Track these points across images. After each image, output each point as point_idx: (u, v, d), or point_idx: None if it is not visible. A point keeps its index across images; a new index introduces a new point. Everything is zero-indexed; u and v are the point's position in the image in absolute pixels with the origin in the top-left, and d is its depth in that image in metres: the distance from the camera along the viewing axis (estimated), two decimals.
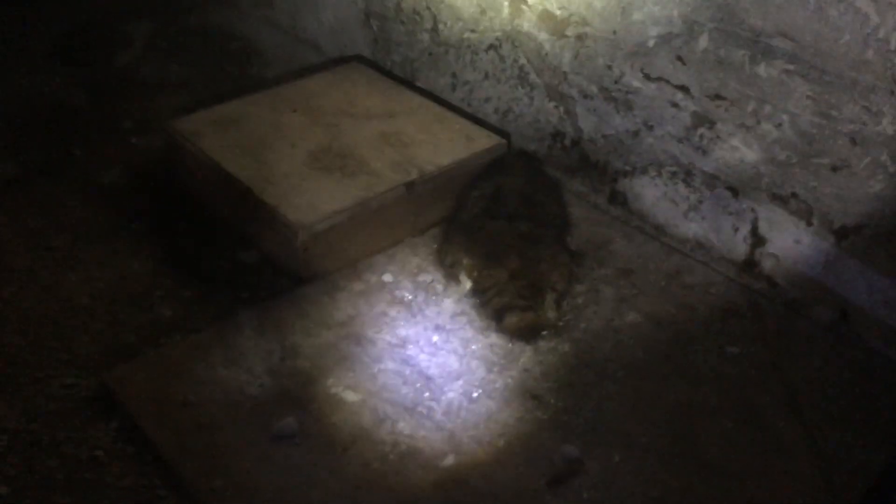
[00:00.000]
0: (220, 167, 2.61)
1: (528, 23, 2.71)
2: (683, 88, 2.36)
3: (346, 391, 2.09)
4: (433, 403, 2.07)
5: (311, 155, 2.66)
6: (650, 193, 2.59)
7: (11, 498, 1.83)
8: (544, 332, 2.27)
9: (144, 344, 2.22)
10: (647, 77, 2.44)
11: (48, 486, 1.86)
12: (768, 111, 2.19)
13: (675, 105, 2.40)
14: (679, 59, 2.34)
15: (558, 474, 1.90)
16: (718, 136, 2.33)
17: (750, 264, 2.39)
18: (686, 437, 1.98)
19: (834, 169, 2.11)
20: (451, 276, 2.43)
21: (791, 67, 2.09)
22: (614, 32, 2.47)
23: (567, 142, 2.79)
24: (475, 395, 2.10)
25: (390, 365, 2.17)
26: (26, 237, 2.58)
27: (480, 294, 2.37)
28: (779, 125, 2.18)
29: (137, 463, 1.92)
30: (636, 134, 2.55)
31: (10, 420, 2.01)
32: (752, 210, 2.34)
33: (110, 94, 3.31)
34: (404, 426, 2.01)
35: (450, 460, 1.93)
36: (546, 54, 2.70)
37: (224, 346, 2.20)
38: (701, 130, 2.37)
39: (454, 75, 3.07)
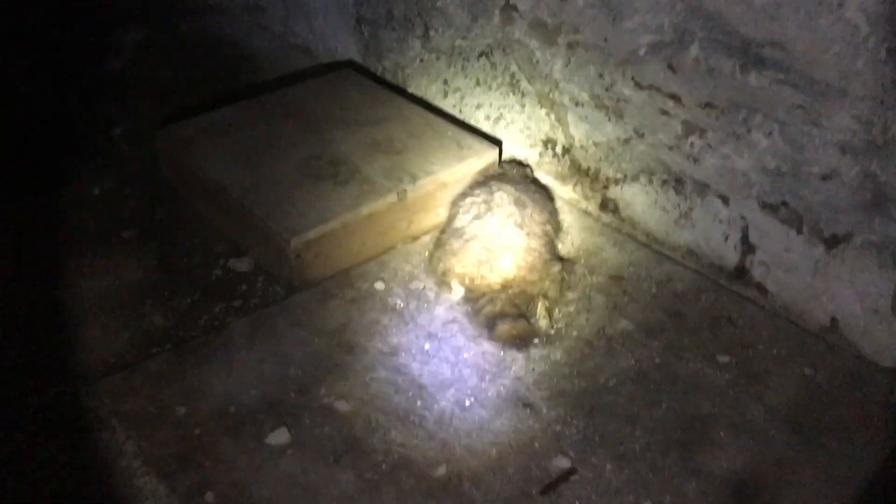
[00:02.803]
0: (211, 175, 2.60)
1: (519, 30, 2.72)
2: (674, 97, 2.37)
3: (339, 400, 2.09)
4: (425, 412, 2.07)
5: (303, 162, 2.66)
6: (641, 201, 2.60)
7: None
8: (536, 340, 2.28)
9: (136, 353, 2.21)
10: (639, 85, 2.45)
11: (38, 496, 1.85)
12: (759, 120, 2.20)
13: (665, 113, 2.41)
14: (670, 67, 2.34)
15: (551, 483, 1.90)
16: (709, 145, 2.34)
17: (741, 272, 2.40)
18: (679, 445, 1.98)
19: (824, 178, 2.12)
20: (443, 283, 2.43)
21: (781, 77, 2.10)
22: (605, 40, 2.48)
23: (558, 149, 2.79)
24: (467, 403, 2.10)
25: (382, 373, 2.17)
26: (15, 247, 2.56)
27: (472, 302, 2.37)
28: (769, 134, 2.19)
29: (128, 477, 1.90)
30: (627, 141, 2.56)
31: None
32: (743, 218, 2.35)
33: (101, 101, 3.30)
34: (396, 435, 2.01)
35: (442, 470, 1.93)
36: (537, 62, 2.71)
37: (216, 355, 2.20)
38: (692, 139, 2.38)
39: (445, 82, 3.07)
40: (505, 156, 2.89)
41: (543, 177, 2.83)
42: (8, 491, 1.86)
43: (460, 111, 3.05)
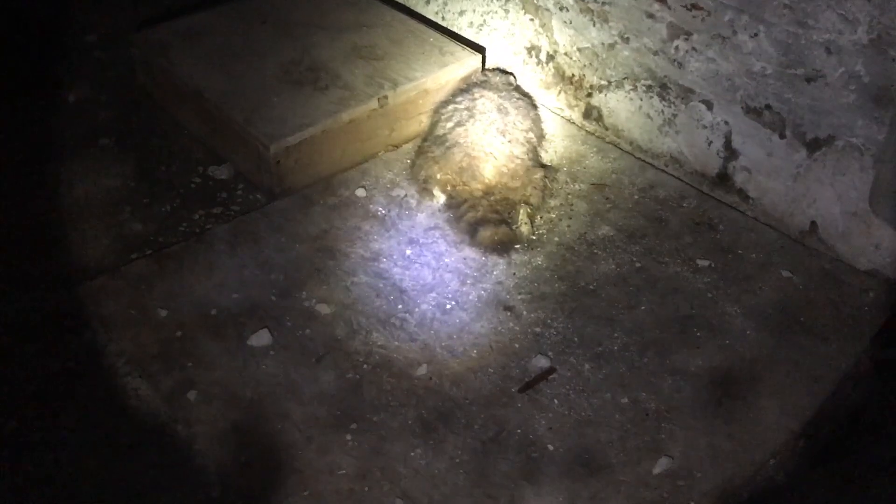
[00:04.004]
0: (188, 81, 2.55)
1: None
2: None
3: (320, 304, 2.10)
4: (407, 315, 2.08)
5: (282, 68, 2.60)
6: (625, 108, 2.57)
7: None
8: (518, 246, 2.28)
9: (115, 259, 2.20)
10: None
11: (19, 397, 1.86)
12: (745, 21, 2.16)
13: (651, 16, 2.36)
14: None
15: (530, 381, 1.93)
16: (695, 48, 2.30)
17: (723, 178, 2.40)
18: (656, 345, 2.01)
19: (808, 80, 2.10)
20: (425, 190, 2.42)
21: None
22: None
23: (542, 56, 2.75)
24: (448, 307, 2.11)
25: (364, 278, 2.17)
26: None
27: (454, 208, 2.36)
28: (755, 35, 2.15)
29: (111, 377, 1.91)
30: (612, 47, 2.51)
31: None
32: (726, 123, 2.33)
33: (73, 7, 3.20)
34: (378, 337, 2.02)
35: (423, 370, 1.95)
36: None
37: (196, 260, 2.19)
38: (677, 42, 2.34)
39: None
40: (488, 64, 2.84)
41: (527, 85, 2.79)
42: None
43: (443, 18, 2.99)
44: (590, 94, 2.65)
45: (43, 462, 1.74)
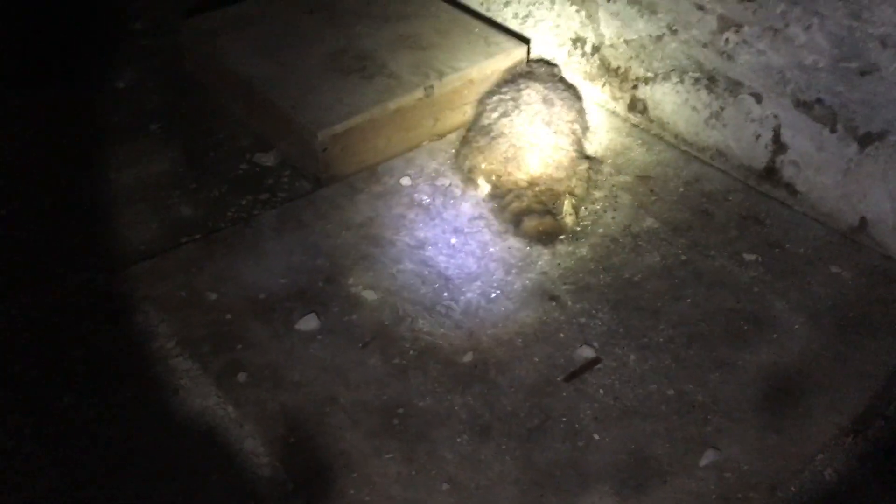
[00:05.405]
0: (236, 68, 2.58)
1: None
2: None
3: (366, 290, 2.11)
4: (452, 303, 2.09)
5: (329, 56, 2.62)
6: (671, 101, 2.56)
7: (38, 391, 1.87)
8: (562, 237, 2.28)
9: (165, 242, 2.23)
10: None
11: (73, 374, 1.90)
12: (798, 13, 2.14)
13: (701, 8, 2.35)
14: None
15: (575, 371, 1.93)
16: (745, 41, 2.29)
17: (770, 172, 2.38)
18: (702, 338, 2.00)
19: (862, 73, 2.08)
20: (470, 180, 2.43)
21: None
22: None
23: (588, 48, 2.74)
24: (493, 295, 2.12)
25: (409, 266, 2.19)
26: (43, 139, 2.56)
27: (499, 198, 2.37)
28: (808, 28, 2.13)
29: (162, 357, 1.94)
30: (659, 38, 2.50)
31: (33, 312, 2.03)
32: (776, 117, 2.31)
33: None
34: (424, 324, 2.04)
35: (469, 357, 1.96)
36: None
37: (244, 245, 2.22)
38: (727, 34, 2.32)
39: None
40: (533, 55, 2.83)
41: (571, 76, 2.79)
42: (46, 363, 1.91)
43: (488, 9, 2.99)
44: (635, 87, 2.64)
45: (96, 438, 1.77)
